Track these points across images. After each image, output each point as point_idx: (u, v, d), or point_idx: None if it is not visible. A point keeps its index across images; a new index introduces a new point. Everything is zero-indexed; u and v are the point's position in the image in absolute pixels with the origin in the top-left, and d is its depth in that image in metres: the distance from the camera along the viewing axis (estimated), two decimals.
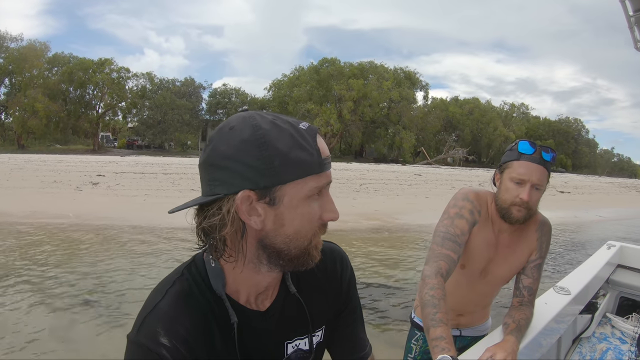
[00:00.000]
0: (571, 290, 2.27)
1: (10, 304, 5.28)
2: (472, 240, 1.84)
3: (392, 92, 62.91)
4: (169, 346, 0.81)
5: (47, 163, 27.95)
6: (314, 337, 1.02)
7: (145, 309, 0.86)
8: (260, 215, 0.81)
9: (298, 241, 0.83)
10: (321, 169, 0.82)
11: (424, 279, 1.63)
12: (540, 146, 1.74)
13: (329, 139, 63.12)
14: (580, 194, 28.83)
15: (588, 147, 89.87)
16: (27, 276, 6.35)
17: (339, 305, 1.10)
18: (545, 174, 1.74)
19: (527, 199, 1.71)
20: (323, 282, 1.06)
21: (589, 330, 2.87)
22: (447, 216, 1.81)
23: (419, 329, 2.17)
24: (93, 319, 5.03)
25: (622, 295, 3.40)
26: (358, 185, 21.95)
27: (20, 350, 4.24)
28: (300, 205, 0.81)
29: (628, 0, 3.15)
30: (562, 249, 10.65)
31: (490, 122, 72.22)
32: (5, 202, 12.32)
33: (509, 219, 1.78)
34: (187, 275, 0.90)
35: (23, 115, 52.33)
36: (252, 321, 0.92)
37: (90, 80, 56.30)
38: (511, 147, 1.80)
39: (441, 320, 1.45)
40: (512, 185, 1.74)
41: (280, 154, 0.77)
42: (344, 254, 1.14)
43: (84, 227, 9.91)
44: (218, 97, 65.36)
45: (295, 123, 0.82)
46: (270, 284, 0.94)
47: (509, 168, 1.76)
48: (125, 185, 17.27)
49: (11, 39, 54.23)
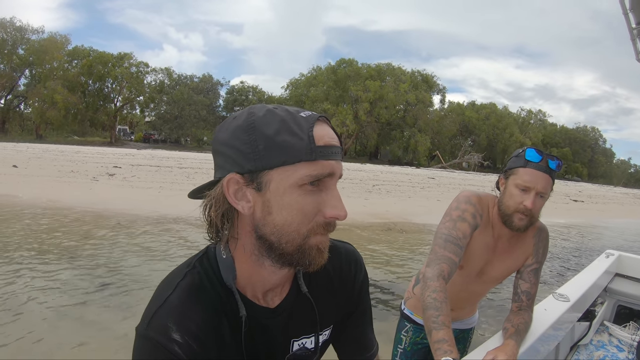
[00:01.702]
0: (570, 297, 2.28)
1: (24, 288, 5.36)
2: (472, 242, 1.84)
3: (409, 94, 62.83)
4: (181, 342, 0.78)
5: (64, 153, 28.26)
6: (320, 336, 1.01)
7: (155, 303, 0.82)
8: (250, 201, 0.79)
9: (289, 235, 0.78)
10: (313, 156, 0.75)
11: (425, 281, 1.62)
12: (547, 154, 1.73)
13: (345, 140, 63.13)
14: (594, 203, 28.48)
15: (605, 156, 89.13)
16: (40, 260, 6.44)
17: (350, 307, 1.08)
18: (550, 182, 1.74)
19: (531, 207, 1.71)
20: (336, 283, 1.04)
21: (586, 337, 2.87)
22: (449, 218, 1.80)
23: (408, 321, 2.18)
24: (105, 305, 5.09)
25: (619, 304, 3.43)
26: (371, 186, 21.83)
27: (33, 334, 4.22)
28: (288, 193, 0.76)
29: (631, 13, 3.18)
30: (567, 257, 10.57)
31: (507, 127, 71.87)
32: (23, 188, 12.46)
33: (510, 226, 1.79)
34: (199, 267, 0.88)
35: (42, 106, 53.14)
36: (261, 317, 0.91)
37: (109, 73, 57.11)
38: (518, 153, 1.79)
39: (443, 323, 1.46)
40: (517, 192, 1.74)
41: (265, 137, 0.75)
42: (359, 256, 1.11)
43: (99, 215, 10.02)
44: (235, 94, 65.85)
45: (295, 112, 0.79)
46: (279, 282, 0.92)
47: (515, 174, 1.76)
48: (140, 177, 17.24)
49: (32, 31, 55.31)
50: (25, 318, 4.56)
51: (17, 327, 4.35)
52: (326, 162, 0.77)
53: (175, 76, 63.35)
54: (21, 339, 4.10)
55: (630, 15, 3.21)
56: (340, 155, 0.81)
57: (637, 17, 3.24)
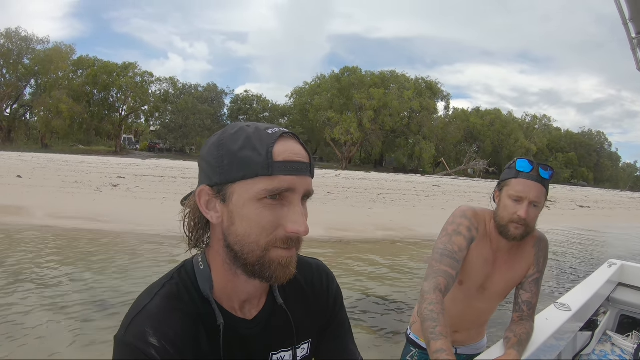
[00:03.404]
0: (572, 307, 2.25)
1: (21, 304, 5.30)
2: (470, 256, 1.85)
3: (413, 102, 63.01)
4: (157, 346, 0.80)
5: (69, 163, 28.35)
6: (298, 349, 1.02)
7: (134, 310, 0.85)
8: (218, 211, 0.84)
9: (249, 246, 0.82)
10: (269, 171, 0.79)
11: (422, 294, 1.63)
12: (539, 164, 1.76)
13: (349, 148, 63.30)
14: (601, 208, 28.11)
15: (610, 160, 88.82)
16: (41, 276, 6.39)
17: (325, 320, 1.10)
18: (543, 191, 1.75)
19: (525, 216, 1.73)
20: (310, 296, 1.07)
21: (589, 347, 2.85)
22: (445, 233, 1.83)
23: (414, 346, 2.15)
24: (105, 318, 5.04)
25: (622, 313, 3.38)
26: (375, 195, 21.77)
27: (32, 350, 4.21)
28: (247, 205, 0.80)
29: (631, 23, 3.14)
30: (570, 266, 10.46)
31: (512, 133, 71.89)
32: (26, 200, 12.43)
33: (507, 236, 1.80)
34: (177, 278, 0.90)
35: (47, 115, 53.67)
36: (238, 328, 0.92)
37: (114, 83, 57.65)
38: (509, 165, 1.82)
39: (441, 334, 1.45)
40: (511, 203, 1.76)
41: (230, 153, 0.80)
42: (329, 271, 1.15)
43: (100, 228, 10.00)
44: (240, 103, 66.23)
45: (264, 128, 0.83)
46: (254, 293, 0.95)
47: (508, 186, 1.78)
48: (144, 188, 17.16)
49: (37, 41, 55.93)
50: (22, 335, 4.52)
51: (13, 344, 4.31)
52: (285, 177, 0.79)
53: (180, 85, 63.81)
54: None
55: (630, 25, 3.17)
56: (307, 172, 0.83)
57: (637, 26, 3.19)
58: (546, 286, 8.21)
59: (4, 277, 6.25)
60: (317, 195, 0.90)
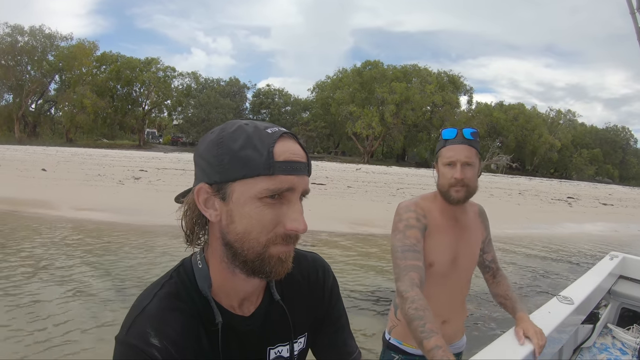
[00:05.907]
0: (574, 299, 2.27)
1: (45, 292, 5.40)
2: (432, 238, 1.89)
3: (435, 95, 62.37)
4: (159, 347, 0.81)
5: (92, 157, 28.73)
6: (295, 343, 1.04)
7: (134, 312, 0.85)
8: (217, 209, 0.84)
9: (250, 243, 0.83)
10: (271, 171, 0.80)
11: (401, 295, 1.63)
12: (461, 129, 1.87)
13: (371, 142, 63.10)
14: (624, 207, 27.45)
15: (636, 157, 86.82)
16: (64, 265, 6.46)
17: (322, 313, 1.11)
18: (472, 150, 1.84)
19: (461, 177, 1.82)
20: (306, 290, 1.08)
21: (590, 340, 2.89)
22: (397, 231, 1.86)
23: (396, 351, 2.04)
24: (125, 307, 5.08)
25: (623, 306, 3.43)
26: (395, 190, 21.64)
27: (55, 337, 4.18)
28: (248, 204, 0.81)
29: (638, 12, 3.05)
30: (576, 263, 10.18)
31: (535, 128, 70.76)
32: (50, 192, 12.59)
33: (451, 201, 1.88)
34: (176, 278, 0.92)
35: (72, 110, 54.43)
36: (236, 325, 0.93)
37: (137, 78, 58.31)
38: (439, 138, 1.94)
39: (432, 331, 1.45)
40: (446, 169, 1.86)
41: (230, 152, 0.81)
42: (325, 264, 1.15)
43: (122, 220, 10.12)
44: (262, 97, 66.40)
45: (263, 128, 0.84)
46: (252, 290, 0.96)
47: (440, 156, 1.89)
48: (165, 181, 17.33)
49: (61, 38, 56.74)
50: (42, 322, 4.58)
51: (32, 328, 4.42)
52: (285, 177, 0.81)
53: (202, 80, 64.23)
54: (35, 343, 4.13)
55: (638, 15, 3.09)
56: (305, 171, 0.85)
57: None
58: (549, 278, 8.29)
59: (30, 265, 6.40)
60: (336, 189, 0.91)
